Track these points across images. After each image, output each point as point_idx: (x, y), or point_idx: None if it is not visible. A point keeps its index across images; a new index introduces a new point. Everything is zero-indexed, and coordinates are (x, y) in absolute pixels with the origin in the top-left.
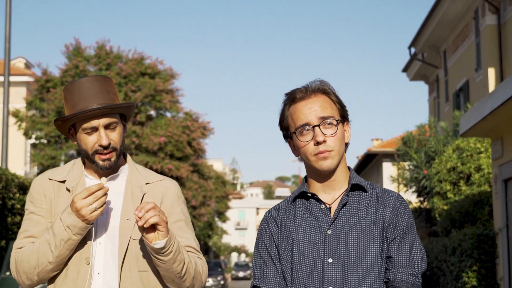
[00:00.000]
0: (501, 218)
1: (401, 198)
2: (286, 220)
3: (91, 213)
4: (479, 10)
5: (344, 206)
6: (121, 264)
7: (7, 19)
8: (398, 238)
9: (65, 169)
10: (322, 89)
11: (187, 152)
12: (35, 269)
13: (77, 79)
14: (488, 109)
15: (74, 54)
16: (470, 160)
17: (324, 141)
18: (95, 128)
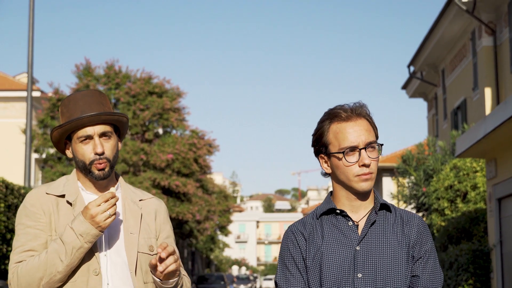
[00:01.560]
0: (495, 235)
1: (423, 220)
2: (313, 235)
3: (105, 219)
4: (475, 32)
5: (374, 224)
6: (134, 275)
7: (29, 46)
8: (423, 258)
9: (60, 183)
10: (366, 113)
11: (194, 169)
12: (40, 281)
13: (72, 93)
14: (482, 133)
15: (84, 73)
16: (466, 178)
17: (369, 164)
18: (90, 137)
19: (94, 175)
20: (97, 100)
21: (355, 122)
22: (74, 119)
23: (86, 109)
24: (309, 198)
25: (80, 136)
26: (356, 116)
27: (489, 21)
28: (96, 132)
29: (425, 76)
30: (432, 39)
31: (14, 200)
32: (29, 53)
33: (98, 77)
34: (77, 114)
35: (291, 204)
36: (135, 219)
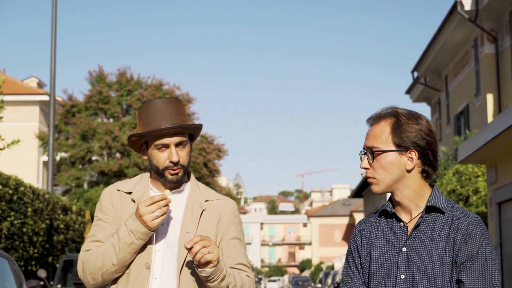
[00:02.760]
0: (496, 237)
1: (476, 220)
2: (370, 233)
3: (152, 220)
4: (478, 39)
5: (418, 227)
6: (179, 271)
7: (52, 57)
8: (468, 262)
9: (132, 182)
10: (384, 117)
11: (203, 173)
12: (100, 270)
13: (152, 100)
14: (483, 140)
15: (97, 80)
16: (468, 183)
17: (365, 169)
18: (166, 145)
19: (168, 180)
20: (176, 109)
21: (371, 126)
22: (153, 130)
23: (165, 119)
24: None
25: (157, 144)
26: (373, 120)
27: (491, 29)
28: (173, 142)
29: (428, 82)
30: (435, 46)
31: (40, 204)
32: (51, 64)
33: (110, 84)
34: (156, 123)
35: (295, 206)
36: (193, 219)
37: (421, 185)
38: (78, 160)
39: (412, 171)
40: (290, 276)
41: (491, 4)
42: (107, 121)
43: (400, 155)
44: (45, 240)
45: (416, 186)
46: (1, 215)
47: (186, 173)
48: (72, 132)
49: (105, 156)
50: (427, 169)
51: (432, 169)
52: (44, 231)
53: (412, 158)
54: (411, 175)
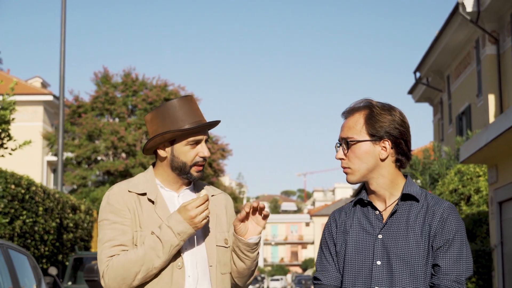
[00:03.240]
0: (497, 236)
1: (450, 208)
2: (345, 222)
3: (202, 220)
4: (479, 40)
5: (394, 214)
6: (215, 268)
7: (61, 60)
8: (444, 247)
9: (139, 181)
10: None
11: (208, 173)
12: (136, 275)
13: (171, 101)
14: (484, 141)
15: (102, 81)
16: (470, 183)
17: (340, 159)
18: (199, 141)
19: (193, 177)
20: (197, 106)
21: (346, 119)
22: (196, 126)
23: (199, 116)
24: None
25: (191, 140)
26: (347, 112)
27: (492, 30)
28: (204, 138)
29: (431, 82)
30: (437, 47)
31: (50, 204)
32: (60, 67)
33: (116, 85)
34: (191, 118)
35: (297, 205)
36: (211, 215)
37: (395, 174)
38: (84, 160)
39: (386, 160)
40: (293, 275)
41: (492, 6)
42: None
43: (374, 145)
44: (55, 239)
45: (391, 175)
46: (14, 214)
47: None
48: (78, 132)
49: (110, 156)
50: (401, 158)
51: (405, 158)
52: (54, 229)
53: (386, 147)
54: (385, 164)
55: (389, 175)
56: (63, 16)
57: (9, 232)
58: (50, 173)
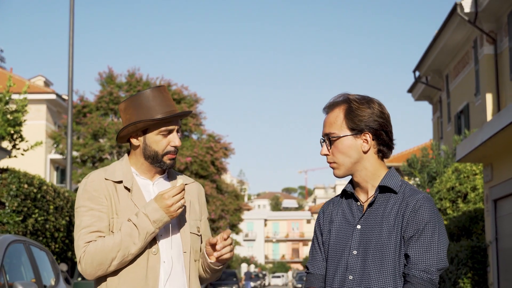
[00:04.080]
0: (492, 233)
1: (425, 198)
2: (332, 212)
3: (177, 209)
4: (477, 40)
5: (371, 205)
6: (188, 254)
7: (69, 63)
8: (414, 237)
9: (115, 168)
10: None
11: (211, 171)
12: (112, 260)
13: (142, 91)
14: (479, 140)
15: (107, 81)
16: (467, 180)
17: (325, 155)
18: (171, 131)
19: (166, 165)
20: (169, 97)
21: (326, 115)
22: (168, 116)
23: (170, 106)
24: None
25: (163, 130)
26: (327, 108)
27: (490, 31)
28: (176, 128)
29: (430, 81)
30: (436, 47)
31: (60, 202)
32: (69, 70)
33: (120, 85)
34: (164, 108)
35: (298, 202)
36: (186, 203)
37: (378, 165)
38: (89, 158)
39: (369, 152)
40: (294, 272)
41: (490, 6)
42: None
43: (356, 138)
44: (65, 236)
45: (373, 167)
46: (26, 212)
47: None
48: (83, 132)
49: (115, 154)
50: (383, 149)
51: (387, 148)
52: (64, 227)
53: (367, 139)
54: (368, 156)
55: (372, 167)
56: (71, 21)
57: (22, 229)
58: (53, 170)
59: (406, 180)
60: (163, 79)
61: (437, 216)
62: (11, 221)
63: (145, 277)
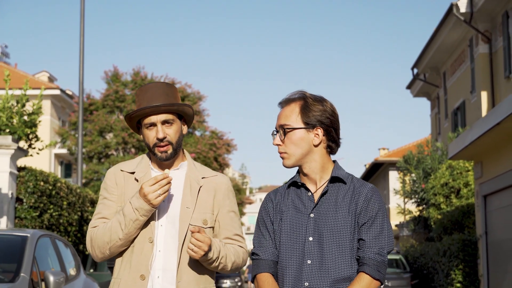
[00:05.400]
0: (482, 227)
1: (374, 189)
2: (280, 202)
3: (155, 198)
4: (473, 39)
5: (324, 195)
6: (181, 244)
7: (80, 65)
8: (368, 223)
9: (134, 162)
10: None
11: (214, 167)
12: (107, 244)
13: (148, 84)
14: (469, 140)
15: (112, 80)
16: (459, 177)
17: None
18: (154, 124)
19: (158, 157)
20: (164, 91)
21: (282, 108)
22: (139, 109)
23: (152, 100)
24: None
25: (145, 123)
26: (284, 102)
27: (485, 30)
28: (159, 120)
29: (427, 78)
30: (433, 45)
31: (73, 198)
32: (80, 71)
33: (125, 83)
34: (144, 104)
35: None
36: (192, 195)
37: (326, 159)
38: (95, 154)
39: (319, 146)
40: None
41: (485, 7)
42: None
43: (308, 132)
44: (77, 230)
45: (322, 160)
46: (42, 208)
47: (176, 150)
48: (90, 129)
49: (121, 151)
50: (331, 145)
51: (335, 144)
52: (76, 222)
53: (318, 134)
54: (317, 149)
55: (321, 160)
56: (81, 26)
57: (38, 224)
58: (58, 165)
59: (402, 175)
60: (168, 77)
61: (384, 206)
62: (29, 216)
63: (139, 263)
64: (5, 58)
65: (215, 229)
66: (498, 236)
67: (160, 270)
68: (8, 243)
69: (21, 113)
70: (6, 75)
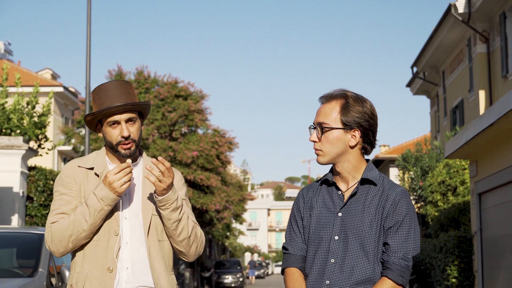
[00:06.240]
0: (477, 224)
1: (403, 192)
2: (312, 198)
3: (121, 186)
4: (471, 39)
5: (354, 196)
6: (146, 234)
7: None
8: (394, 227)
9: (90, 158)
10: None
11: (216, 164)
12: (70, 237)
13: (104, 83)
14: (464, 139)
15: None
16: (456, 175)
17: (313, 141)
18: (117, 122)
19: (121, 154)
20: (124, 89)
21: (322, 104)
22: (104, 108)
23: (115, 99)
24: None
25: (109, 121)
26: (325, 99)
27: (483, 30)
28: (123, 119)
29: (427, 76)
30: (432, 44)
31: None
32: (86, 72)
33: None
34: (107, 103)
35: None
36: (151, 187)
37: (359, 160)
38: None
39: (354, 148)
40: None
41: (483, 7)
42: None
43: (345, 133)
44: None
45: (355, 160)
46: None
47: (137, 147)
48: None
49: None
50: (366, 147)
51: (370, 146)
52: None
53: (356, 136)
54: (352, 150)
55: (354, 161)
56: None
57: None
58: (61, 161)
59: (401, 173)
60: (170, 77)
61: (413, 209)
62: (39, 214)
63: (105, 256)
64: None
65: None
66: (492, 233)
67: (129, 262)
68: (26, 241)
69: (31, 115)
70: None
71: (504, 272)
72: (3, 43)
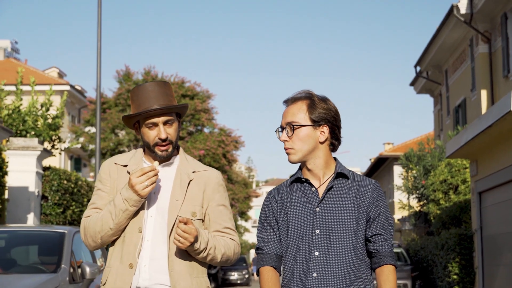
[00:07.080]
0: (477, 222)
1: (377, 185)
2: (284, 198)
3: (143, 189)
4: (473, 39)
5: (330, 190)
6: (169, 235)
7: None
8: (379, 217)
9: (128, 155)
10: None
11: (222, 163)
12: (99, 234)
13: (142, 84)
14: (464, 140)
15: (124, 79)
16: (458, 174)
17: (284, 141)
18: (155, 124)
19: (158, 155)
20: (163, 91)
21: (288, 106)
22: (142, 111)
23: (154, 101)
24: None
25: (147, 123)
26: (290, 101)
27: (485, 31)
28: (161, 121)
29: (430, 76)
30: (435, 44)
31: None
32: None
33: (137, 82)
34: (146, 104)
35: None
36: (182, 187)
37: (329, 156)
38: (108, 151)
39: (324, 143)
40: None
41: (484, 8)
42: None
43: (315, 129)
44: None
45: (326, 156)
46: (65, 205)
47: (175, 148)
48: (103, 126)
49: (132, 148)
50: (334, 142)
51: (338, 142)
52: None
53: (324, 132)
54: (322, 146)
55: (325, 157)
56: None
57: (62, 220)
58: (68, 159)
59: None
60: (177, 76)
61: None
62: (53, 212)
63: (128, 252)
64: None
65: (205, 222)
66: (492, 230)
67: (147, 259)
68: (48, 239)
69: (45, 117)
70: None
71: (504, 268)
72: (10, 41)
